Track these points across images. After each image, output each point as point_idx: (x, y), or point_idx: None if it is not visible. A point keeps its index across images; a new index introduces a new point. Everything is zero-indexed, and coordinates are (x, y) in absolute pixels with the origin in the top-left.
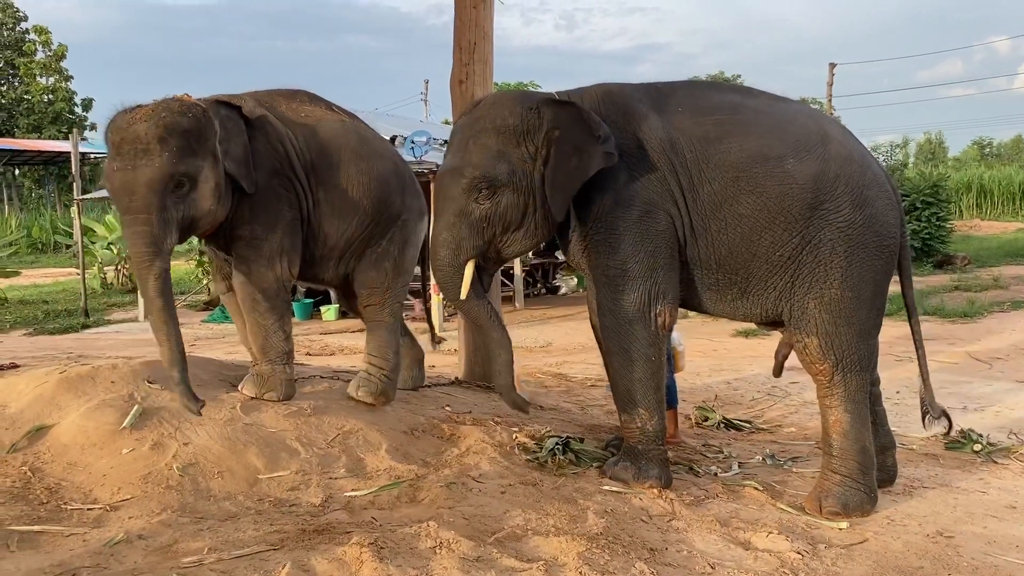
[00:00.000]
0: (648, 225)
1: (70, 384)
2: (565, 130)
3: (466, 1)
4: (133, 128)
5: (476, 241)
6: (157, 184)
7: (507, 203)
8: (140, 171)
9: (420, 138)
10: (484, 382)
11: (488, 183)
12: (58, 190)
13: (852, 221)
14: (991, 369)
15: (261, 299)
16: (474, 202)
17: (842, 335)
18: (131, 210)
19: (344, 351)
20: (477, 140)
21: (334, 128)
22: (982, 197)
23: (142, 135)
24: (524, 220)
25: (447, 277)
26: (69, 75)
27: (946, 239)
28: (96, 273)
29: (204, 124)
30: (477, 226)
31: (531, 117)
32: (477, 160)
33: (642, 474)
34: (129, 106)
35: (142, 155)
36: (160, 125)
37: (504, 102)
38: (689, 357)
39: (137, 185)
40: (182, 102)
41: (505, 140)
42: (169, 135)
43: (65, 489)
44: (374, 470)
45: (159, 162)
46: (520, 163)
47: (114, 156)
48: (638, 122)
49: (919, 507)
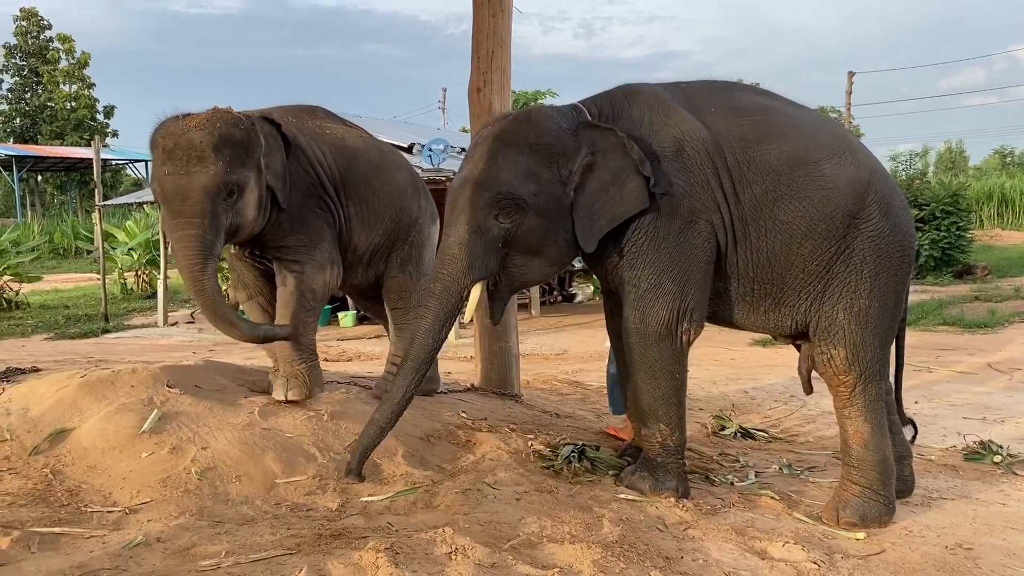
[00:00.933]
0: (689, 237)
1: (90, 388)
2: (604, 157)
3: (484, 10)
4: (188, 135)
5: (490, 262)
6: (211, 191)
7: (529, 226)
8: (195, 177)
9: (438, 146)
10: (500, 389)
11: (513, 201)
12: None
13: (881, 230)
14: (1011, 380)
15: (309, 298)
16: (494, 219)
17: (868, 345)
18: (183, 214)
19: (361, 357)
20: (506, 154)
21: (356, 144)
22: (1003, 207)
23: (197, 142)
24: (545, 246)
25: (447, 294)
26: (92, 83)
27: (966, 249)
28: (116, 278)
29: (252, 137)
30: (492, 246)
31: (568, 139)
32: (504, 175)
33: (659, 485)
34: (178, 113)
35: (196, 162)
36: (215, 134)
37: (540, 119)
38: (706, 365)
39: (191, 190)
40: (233, 114)
41: (537, 159)
42: (223, 144)
43: (85, 492)
44: (390, 475)
45: (214, 169)
46: (550, 185)
47: (165, 161)
48: (677, 122)
49: (937, 518)
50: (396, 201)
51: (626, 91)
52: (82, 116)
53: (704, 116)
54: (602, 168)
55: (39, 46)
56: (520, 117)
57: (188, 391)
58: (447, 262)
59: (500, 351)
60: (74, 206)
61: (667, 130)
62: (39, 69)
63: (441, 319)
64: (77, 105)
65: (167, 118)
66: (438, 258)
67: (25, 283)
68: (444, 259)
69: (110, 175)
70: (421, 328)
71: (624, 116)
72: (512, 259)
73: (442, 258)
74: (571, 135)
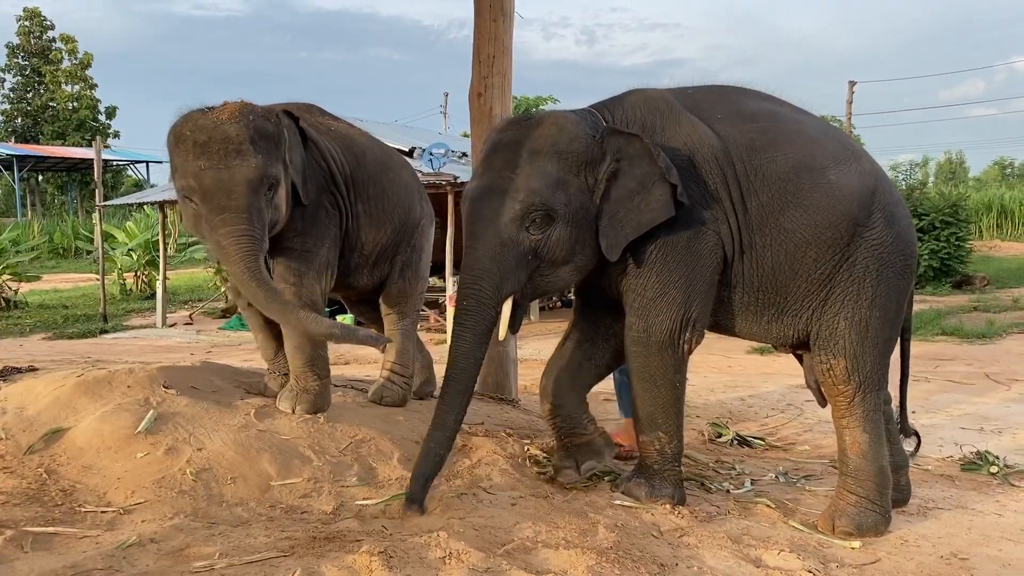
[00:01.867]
0: (696, 247)
1: (87, 388)
2: (630, 164)
3: (486, 15)
4: (222, 128)
5: (521, 275)
6: (255, 184)
7: (558, 236)
8: (236, 170)
9: (439, 150)
10: (497, 394)
11: (545, 212)
12: (80, 196)
13: (884, 239)
14: (1008, 391)
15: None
16: (525, 231)
17: (868, 356)
18: (229, 209)
19: (358, 360)
20: (535, 162)
21: (362, 140)
22: (1002, 218)
23: (233, 136)
24: (571, 256)
25: (483, 311)
26: (94, 83)
27: (965, 259)
28: (116, 279)
29: (280, 131)
30: (523, 258)
31: (595, 146)
32: (536, 185)
33: (655, 492)
34: (201, 107)
35: (235, 155)
36: (250, 127)
37: (567, 125)
38: (703, 373)
39: (235, 184)
40: (260, 107)
41: (567, 167)
42: (259, 137)
43: (80, 491)
44: (386, 479)
45: (255, 163)
46: (578, 194)
47: (199, 155)
48: (688, 130)
49: (933, 528)
50: (405, 200)
51: (637, 96)
52: (84, 116)
53: (713, 123)
54: (628, 175)
55: (42, 46)
56: (546, 122)
57: (184, 392)
58: (480, 276)
59: (498, 356)
60: (74, 206)
61: (679, 137)
62: (41, 69)
63: (480, 338)
64: (79, 106)
65: (190, 112)
66: (468, 272)
67: (24, 283)
68: (476, 273)
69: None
70: (460, 350)
71: (636, 122)
72: (539, 269)
73: (473, 272)
74: (597, 142)
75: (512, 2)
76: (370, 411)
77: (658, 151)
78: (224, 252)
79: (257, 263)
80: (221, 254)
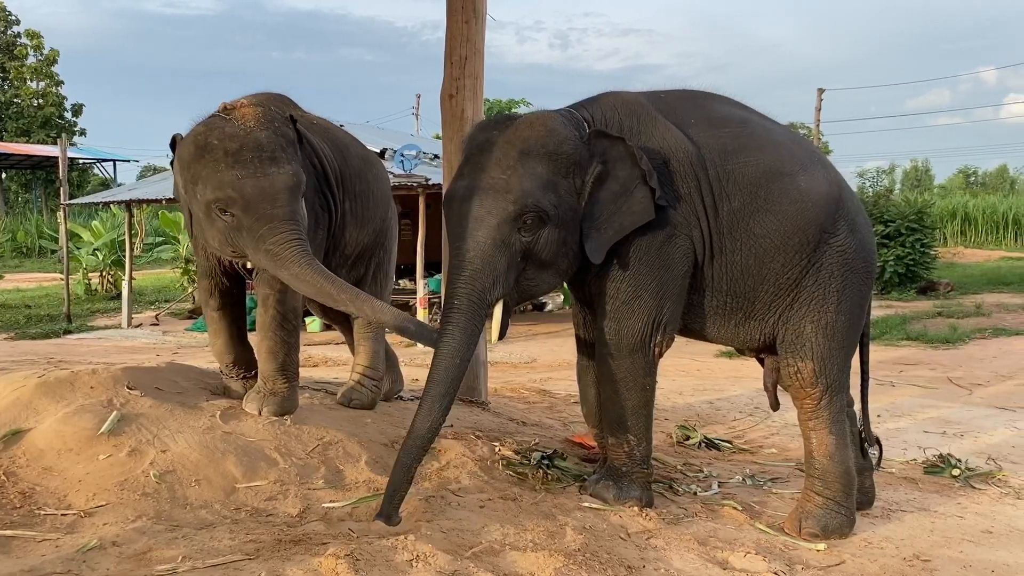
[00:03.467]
0: (669, 251)
1: (48, 388)
2: (614, 166)
3: (458, 16)
4: (254, 136)
5: (511, 278)
6: (296, 190)
7: (547, 238)
8: (276, 178)
9: (410, 151)
10: (467, 396)
11: (537, 214)
12: (45, 195)
13: (848, 246)
14: (971, 395)
15: (291, 318)
16: (518, 232)
17: (834, 359)
18: (276, 217)
19: (328, 363)
20: (526, 163)
21: (343, 135)
22: (966, 225)
23: (265, 143)
24: (558, 258)
25: (475, 312)
26: (60, 80)
27: (930, 265)
28: (81, 278)
29: (296, 139)
30: (514, 260)
31: (582, 148)
32: (528, 186)
33: (623, 494)
34: (216, 114)
35: (270, 163)
36: (279, 134)
37: (556, 127)
38: (672, 376)
39: (278, 191)
40: (277, 114)
41: (556, 169)
42: (287, 143)
43: (39, 494)
44: (353, 482)
45: (291, 169)
46: (566, 196)
47: (233, 164)
48: (663, 134)
49: (897, 530)
50: (385, 198)
51: (613, 98)
52: (49, 114)
53: (686, 127)
54: (612, 178)
55: (6, 41)
56: (535, 123)
57: (149, 393)
58: (472, 277)
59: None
60: (39, 205)
61: (653, 141)
62: (5, 65)
63: (470, 339)
64: (44, 103)
65: (210, 118)
66: (457, 272)
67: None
68: (469, 273)
69: (77, 174)
70: (447, 349)
71: (614, 123)
72: (525, 272)
73: (464, 273)
74: (584, 144)
75: (484, 4)
76: (338, 413)
77: (641, 154)
78: (279, 259)
79: (317, 262)
80: (275, 262)
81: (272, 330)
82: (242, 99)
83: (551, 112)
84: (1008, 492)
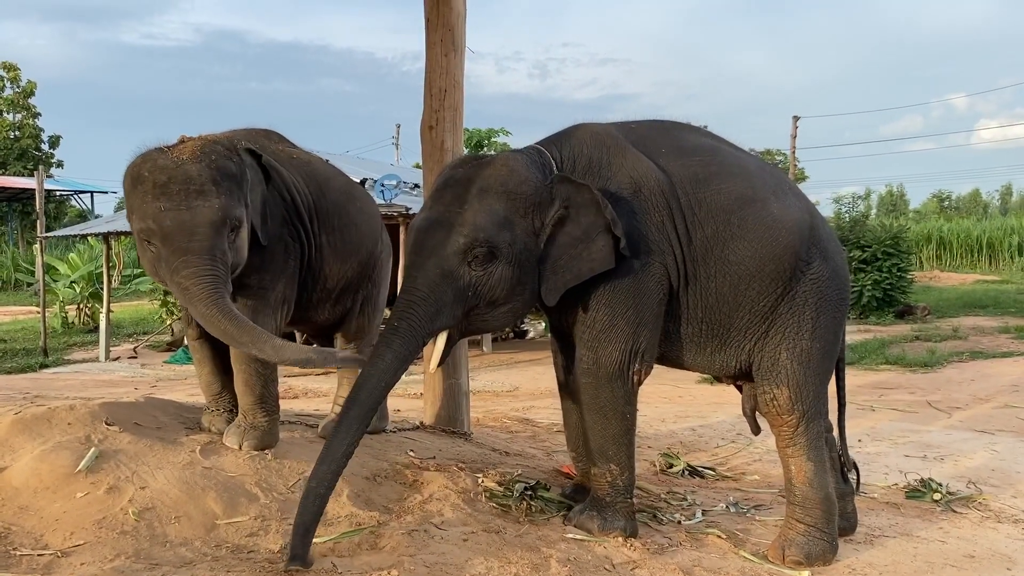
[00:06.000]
0: (643, 279)
1: (24, 425)
2: (577, 212)
3: (437, 49)
4: (184, 168)
5: (457, 310)
6: (218, 225)
7: (500, 275)
8: (198, 211)
9: (390, 181)
10: (450, 427)
11: (488, 249)
12: (21, 227)
13: (822, 273)
14: (950, 418)
15: None
16: (466, 266)
17: (810, 385)
18: (192, 251)
19: (308, 394)
20: (483, 199)
21: (325, 169)
22: (941, 249)
23: (195, 175)
24: (511, 297)
25: (412, 337)
26: (37, 112)
27: (907, 289)
28: (57, 312)
29: (242, 171)
30: (462, 293)
31: (544, 190)
32: (481, 221)
33: (608, 525)
34: (158, 146)
35: (196, 195)
36: (213, 167)
37: (519, 167)
38: (654, 403)
39: (197, 225)
40: (223, 145)
41: (514, 208)
42: (222, 177)
43: (15, 534)
44: (335, 516)
45: (218, 203)
46: (523, 235)
47: (159, 196)
48: (633, 164)
49: (879, 556)
50: (372, 231)
51: (583, 131)
52: (26, 145)
53: (656, 157)
54: (574, 223)
55: None
56: (498, 162)
57: (127, 429)
58: (415, 304)
59: (450, 388)
60: (14, 237)
61: (624, 171)
62: None
63: (399, 363)
64: (21, 134)
65: (148, 151)
66: (405, 298)
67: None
68: (413, 299)
69: (54, 206)
70: (376, 370)
71: (584, 157)
72: (477, 308)
73: (409, 299)
74: (546, 186)
75: (464, 37)
76: (319, 446)
77: (606, 203)
78: (188, 294)
79: (225, 300)
80: (184, 297)
81: (245, 362)
82: (224, 132)
83: (518, 153)
84: (989, 516)
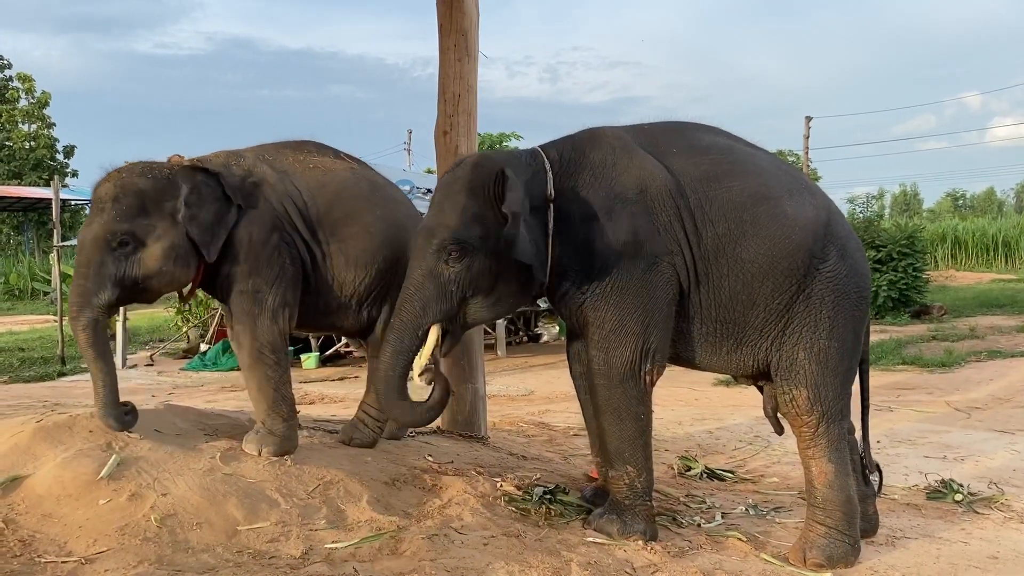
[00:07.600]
0: (652, 279)
1: (46, 433)
2: None
3: (450, 54)
4: (99, 188)
5: (443, 305)
6: (100, 240)
7: (480, 268)
8: (90, 228)
9: (403, 187)
10: (467, 431)
11: (459, 245)
12: (37, 237)
13: (839, 271)
14: (969, 419)
15: (269, 351)
16: (443, 263)
17: (829, 385)
18: (78, 267)
19: (324, 400)
20: (453, 200)
21: (344, 178)
22: (956, 248)
23: (102, 195)
24: (496, 286)
25: (404, 332)
26: (52, 122)
27: (923, 289)
28: None
29: (163, 186)
30: (445, 289)
31: None
32: (450, 221)
33: (627, 528)
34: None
35: (97, 213)
36: (117, 185)
37: (484, 163)
38: (671, 406)
39: (85, 241)
40: (147, 165)
41: (481, 202)
42: (123, 195)
43: (39, 541)
44: (355, 521)
45: (105, 219)
46: (496, 227)
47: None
48: (639, 165)
49: (902, 558)
50: (395, 238)
51: (589, 135)
52: (41, 156)
53: (665, 157)
54: None
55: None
56: (468, 162)
57: (147, 436)
58: (405, 302)
59: (467, 393)
60: (31, 247)
61: (630, 173)
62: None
63: (398, 354)
64: (36, 145)
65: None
66: (400, 298)
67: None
68: (403, 300)
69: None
70: (382, 363)
71: (587, 160)
72: (466, 300)
73: (402, 299)
74: None
75: (477, 42)
76: (338, 452)
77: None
78: (69, 310)
79: (77, 314)
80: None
81: (252, 368)
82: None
83: (489, 152)
84: (1012, 516)
